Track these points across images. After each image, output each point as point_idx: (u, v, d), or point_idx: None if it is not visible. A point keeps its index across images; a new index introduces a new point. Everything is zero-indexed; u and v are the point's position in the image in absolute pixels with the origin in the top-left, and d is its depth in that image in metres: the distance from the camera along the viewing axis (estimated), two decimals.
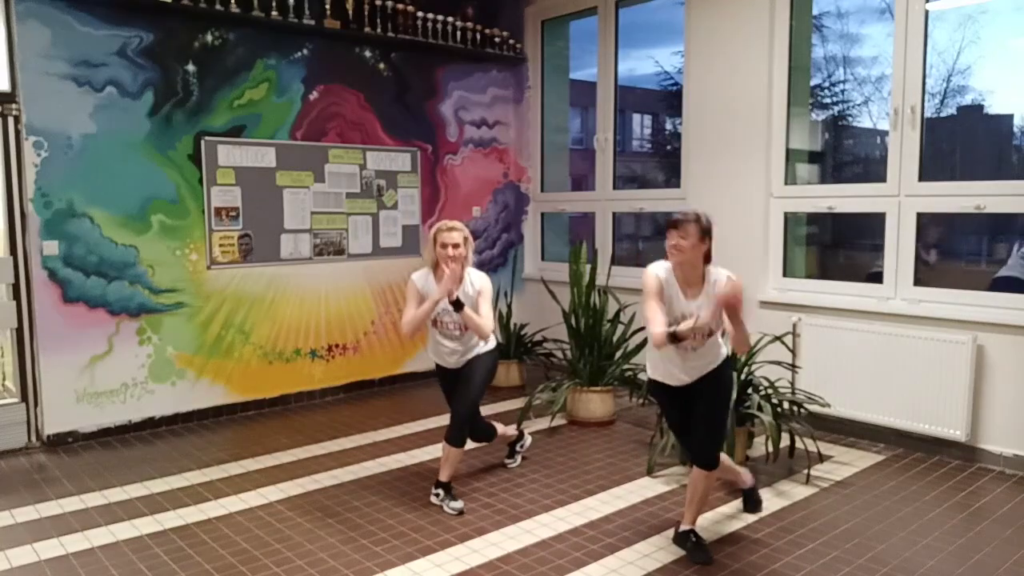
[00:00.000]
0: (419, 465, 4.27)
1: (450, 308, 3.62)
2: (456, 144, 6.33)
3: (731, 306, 2.89)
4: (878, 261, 4.62)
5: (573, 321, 5.14)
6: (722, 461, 3.25)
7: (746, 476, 3.60)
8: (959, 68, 4.55)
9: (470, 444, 3.78)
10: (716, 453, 3.17)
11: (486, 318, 3.69)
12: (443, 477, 3.72)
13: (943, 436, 4.24)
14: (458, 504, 3.64)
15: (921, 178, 4.41)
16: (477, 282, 3.74)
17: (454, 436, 3.69)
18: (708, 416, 3.14)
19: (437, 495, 3.71)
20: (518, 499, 3.77)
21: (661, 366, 3.17)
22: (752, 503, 3.60)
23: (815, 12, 5.12)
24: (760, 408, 3.98)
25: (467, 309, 3.63)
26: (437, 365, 3.91)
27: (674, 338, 2.93)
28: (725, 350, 3.19)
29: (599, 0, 6.08)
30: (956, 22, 4.49)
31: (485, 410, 5.33)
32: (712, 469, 3.16)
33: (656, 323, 2.98)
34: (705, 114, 5.33)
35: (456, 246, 3.64)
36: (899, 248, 4.50)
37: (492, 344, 3.84)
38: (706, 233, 3.01)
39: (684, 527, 3.24)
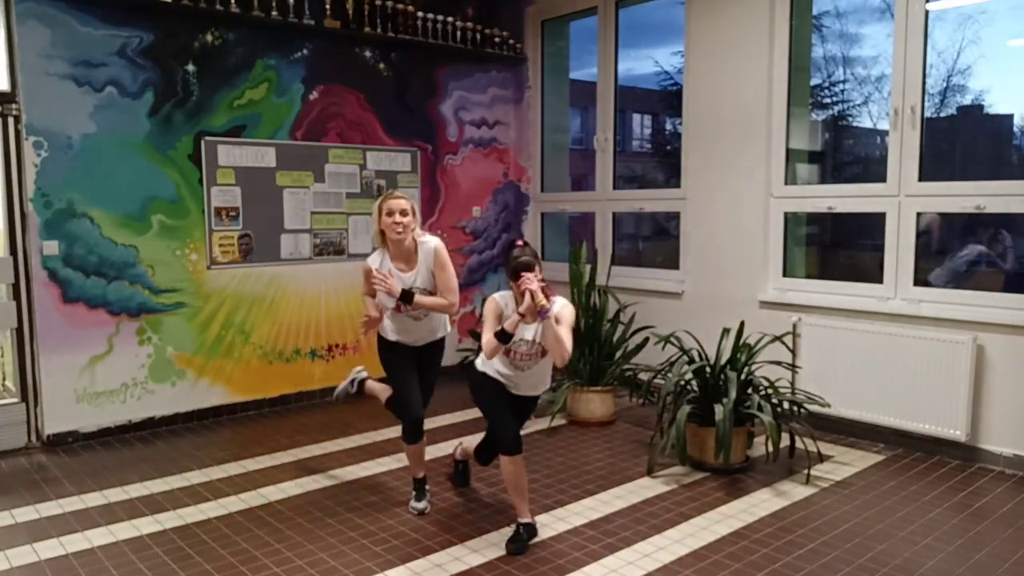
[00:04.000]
0: None
1: (413, 284, 3.47)
2: (456, 144, 6.33)
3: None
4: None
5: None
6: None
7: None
8: (959, 68, 4.55)
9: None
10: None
11: (451, 292, 3.52)
12: (419, 473, 3.70)
13: (943, 436, 4.24)
14: (420, 505, 3.62)
15: (921, 178, 4.41)
16: (431, 247, 3.53)
17: (415, 435, 3.61)
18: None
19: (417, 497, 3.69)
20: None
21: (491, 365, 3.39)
22: None
23: (815, 12, 5.12)
24: (760, 408, 3.98)
25: (418, 297, 3.46)
26: (389, 342, 3.64)
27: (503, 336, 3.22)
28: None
29: (599, 0, 6.08)
30: (956, 22, 4.49)
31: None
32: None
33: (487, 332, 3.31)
34: (705, 114, 5.33)
35: (404, 213, 3.44)
36: (899, 248, 4.50)
37: (447, 328, 3.72)
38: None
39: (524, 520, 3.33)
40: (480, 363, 3.45)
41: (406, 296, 3.45)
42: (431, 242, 3.56)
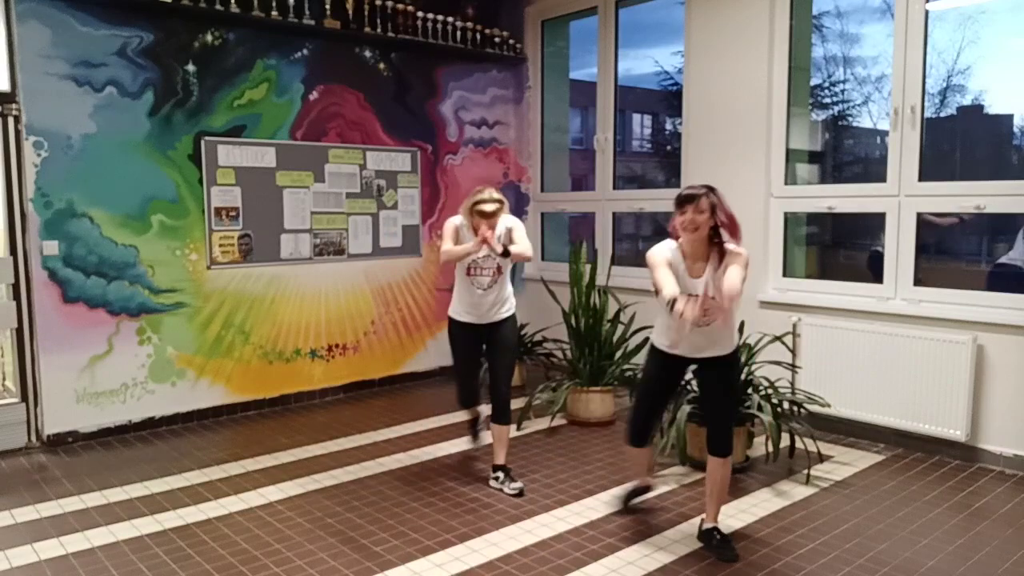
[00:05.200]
0: (419, 465, 4.26)
1: (489, 253, 3.71)
2: (456, 144, 6.33)
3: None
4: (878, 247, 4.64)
5: (573, 321, 5.13)
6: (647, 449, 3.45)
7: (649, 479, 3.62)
8: (959, 68, 4.55)
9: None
10: (732, 439, 3.22)
11: (525, 246, 3.78)
12: (501, 460, 3.90)
13: (943, 436, 4.24)
14: (518, 485, 3.81)
15: (921, 178, 4.41)
16: (509, 223, 3.83)
17: (506, 415, 3.86)
18: (726, 402, 3.22)
19: (496, 478, 3.88)
20: (518, 499, 3.77)
21: (667, 334, 3.17)
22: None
23: (815, 12, 5.13)
24: (760, 408, 3.98)
25: (512, 248, 3.72)
26: (457, 323, 3.89)
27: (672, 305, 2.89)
28: (737, 340, 3.24)
29: (599, 0, 6.08)
30: (956, 22, 4.49)
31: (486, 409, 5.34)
32: (729, 455, 3.18)
33: (668, 285, 2.99)
34: (705, 114, 5.32)
35: (493, 227, 3.70)
36: (899, 248, 4.50)
37: (514, 305, 3.94)
38: (715, 207, 3.03)
39: (707, 524, 3.26)
40: (655, 337, 3.26)
41: (505, 252, 3.68)
42: (512, 220, 3.87)
